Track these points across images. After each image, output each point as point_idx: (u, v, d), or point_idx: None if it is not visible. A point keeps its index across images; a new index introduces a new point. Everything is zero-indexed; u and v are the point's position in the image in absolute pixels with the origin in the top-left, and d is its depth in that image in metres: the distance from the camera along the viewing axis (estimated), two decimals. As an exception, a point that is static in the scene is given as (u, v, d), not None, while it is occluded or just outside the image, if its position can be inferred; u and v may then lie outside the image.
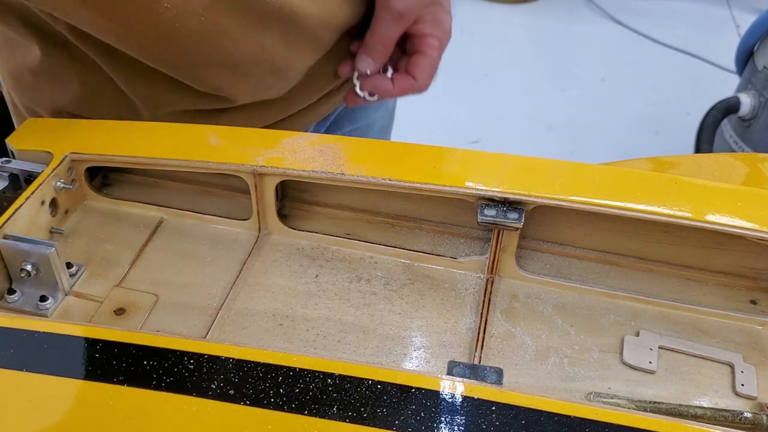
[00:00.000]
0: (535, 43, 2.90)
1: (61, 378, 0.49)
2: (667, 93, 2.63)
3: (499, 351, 0.61)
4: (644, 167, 1.05)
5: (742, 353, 0.61)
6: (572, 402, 0.48)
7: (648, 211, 0.62)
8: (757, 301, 0.67)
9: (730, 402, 0.58)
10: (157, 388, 0.48)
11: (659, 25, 3.05)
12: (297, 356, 0.50)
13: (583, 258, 0.70)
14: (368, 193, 0.71)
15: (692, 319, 0.64)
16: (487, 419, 0.47)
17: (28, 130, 0.72)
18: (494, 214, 0.62)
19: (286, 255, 0.69)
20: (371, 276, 0.67)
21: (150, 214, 0.72)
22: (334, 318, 0.63)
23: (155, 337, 0.52)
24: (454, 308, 0.64)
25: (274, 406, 0.47)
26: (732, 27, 3.09)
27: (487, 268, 0.67)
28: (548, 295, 0.66)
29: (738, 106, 1.85)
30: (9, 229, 0.61)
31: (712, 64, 2.80)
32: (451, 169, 0.66)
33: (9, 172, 0.69)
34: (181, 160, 0.68)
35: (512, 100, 2.48)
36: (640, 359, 0.60)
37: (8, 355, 0.50)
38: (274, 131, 0.72)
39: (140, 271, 0.66)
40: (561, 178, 0.65)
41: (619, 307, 0.65)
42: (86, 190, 0.72)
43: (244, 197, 0.72)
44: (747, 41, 1.90)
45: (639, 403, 0.56)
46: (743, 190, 0.69)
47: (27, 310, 0.61)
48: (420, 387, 0.48)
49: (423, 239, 0.71)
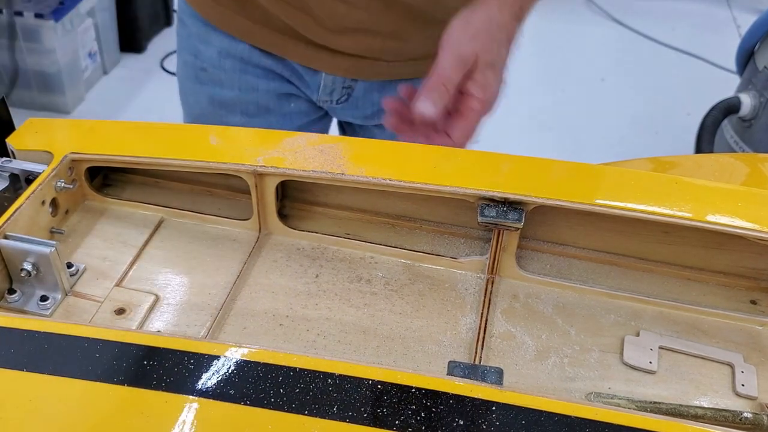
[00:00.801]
0: (536, 43, 2.90)
1: (61, 378, 0.49)
2: (668, 93, 2.63)
3: (500, 351, 0.61)
4: (644, 167, 1.05)
5: (743, 353, 0.61)
6: (572, 402, 0.48)
7: (648, 211, 0.62)
8: (757, 301, 0.67)
9: (730, 402, 0.58)
10: (157, 388, 0.48)
11: (660, 25, 3.05)
12: (297, 356, 0.50)
13: (583, 258, 0.70)
14: (369, 193, 0.71)
15: (692, 320, 0.64)
16: (488, 419, 0.47)
17: (29, 130, 0.72)
18: (494, 214, 0.62)
19: (286, 255, 0.69)
20: (372, 276, 0.67)
21: (150, 214, 0.72)
22: (334, 318, 0.63)
23: (155, 337, 0.52)
24: (455, 308, 0.64)
25: (274, 406, 0.47)
26: (732, 27, 3.09)
27: (487, 268, 0.67)
28: (548, 295, 0.66)
29: (738, 106, 1.84)
30: (9, 229, 0.61)
31: (713, 64, 2.80)
32: (452, 169, 0.66)
33: (9, 172, 0.69)
34: (181, 160, 0.68)
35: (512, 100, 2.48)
36: (641, 359, 0.60)
37: (9, 355, 0.50)
38: (274, 131, 0.72)
39: (140, 271, 0.66)
40: (561, 178, 0.65)
41: (620, 308, 0.65)
42: (86, 190, 0.72)
43: (245, 197, 0.72)
44: (747, 41, 1.90)
45: (639, 403, 0.56)
46: (744, 191, 0.69)
47: (27, 310, 0.61)
48: (420, 387, 0.48)
49: (423, 239, 0.71)
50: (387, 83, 0.95)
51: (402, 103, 0.78)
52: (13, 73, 2.17)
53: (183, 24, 0.99)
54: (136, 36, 2.56)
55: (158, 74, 2.52)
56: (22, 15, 2.07)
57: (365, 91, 0.96)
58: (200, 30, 0.95)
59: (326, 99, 0.97)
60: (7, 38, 2.11)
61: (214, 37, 0.94)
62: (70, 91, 2.27)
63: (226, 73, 0.96)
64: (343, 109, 0.99)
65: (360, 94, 0.97)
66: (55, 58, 2.16)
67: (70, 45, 2.20)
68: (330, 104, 0.98)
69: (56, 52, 2.14)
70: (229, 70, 0.96)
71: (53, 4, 2.11)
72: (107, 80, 2.48)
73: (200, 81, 0.99)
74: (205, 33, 0.95)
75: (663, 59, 2.87)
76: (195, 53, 0.97)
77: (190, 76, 1.00)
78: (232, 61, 0.95)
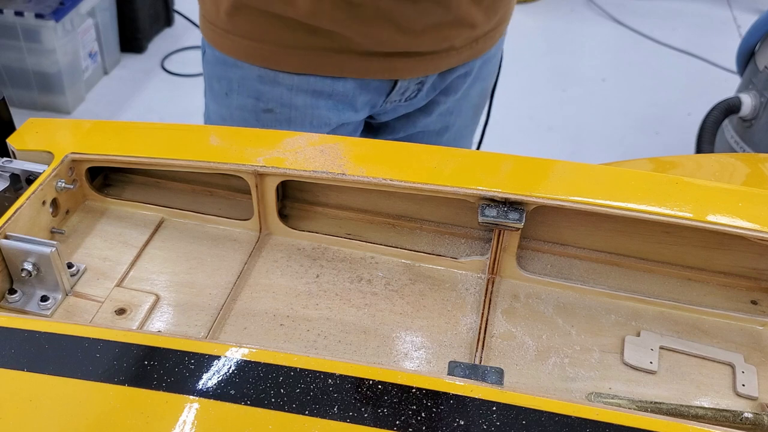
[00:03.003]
0: (536, 43, 2.90)
1: (61, 378, 0.49)
2: (668, 93, 2.63)
3: (500, 351, 0.61)
4: (645, 167, 1.05)
5: (743, 353, 0.61)
6: (573, 402, 0.48)
7: (649, 211, 0.62)
8: (758, 302, 0.67)
9: (730, 402, 0.58)
10: (157, 388, 0.48)
11: (660, 26, 3.05)
12: (298, 356, 0.50)
13: (583, 258, 0.70)
14: (369, 194, 0.71)
15: (693, 320, 0.64)
16: (488, 419, 0.47)
17: (29, 130, 0.72)
18: (495, 214, 0.62)
19: (287, 255, 0.69)
20: (372, 276, 0.67)
21: (151, 214, 0.72)
22: (335, 318, 0.63)
23: (156, 337, 0.52)
24: (455, 308, 0.64)
25: (274, 406, 0.47)
26: (733, 27, 3.08)
27: (487, 269, 0.67)
28: (549, 295, 0.66)
29: (739, 106, 1.84)
30: (10, 229, 0.61)
31: (713, 64, 2.80)
32: (452, 170, 0.66)
33: (10, 172, 0.69)
34: (182, 160, 0.68)
35: (513, 100, 2.48)
36: (641, 359, 0.60)
37: (9, 355, 0.50)
38: (274, 131, 0.72)
39: (141, 272, 0.66)
40: (561, 179, 0.65)
41: (620, 308, 0.65)
42: (87, 190, 0.72)
43: (245, 197, 0.72)
44: (748, 41, 1.90)
45: (640, 403, 0.56)
46: (744, 191, 0.69)
47: (28, 310, 0.61)
48: (421, 387, 0.48)
49: (424, 239, 0.71)
50: (450, 69, 0.95)
51: None
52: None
53: (234, 66, 0.91)
54: (137, 36, 2.56)
55: (159, 74, 2.52)
56: (23, 15, 2.07)
57: (431, 81, 0.95)
58: (262, 71, 0.89)
59: (396, 99, 0.95)
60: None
61: (282, 76, 0.89)
62: (70, 91, 2.27)
63: (298, 110, 0.91)
64: (407, 105, 0.97)
65: (427, 86, 0.95)
66: (56, 58, 2.16)
67: (71, 45, 2.20)
68: (397, 103, 0.96)
69: (56, 52, 2.14)
70: (301, 106, 0.91)
71: (53, 4, 2.11)
72: (108, 80, 2.48)
73: (263, 123, 0.93)
74: (269, 73, 0.89)
75: (663, 59, 2.86)
76: (257, 96, 0.91)
77: (248, 120, 0.93)
78: (304, 96, 0.90)
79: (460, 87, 0.99)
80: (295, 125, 0.92)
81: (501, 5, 0.93)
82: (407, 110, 1.00)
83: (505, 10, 0.96)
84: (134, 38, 2.57)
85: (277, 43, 0.86)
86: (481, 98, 1.07)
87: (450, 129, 1.06)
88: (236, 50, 0.89)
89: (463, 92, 1.01)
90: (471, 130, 1.12)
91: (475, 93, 1.04)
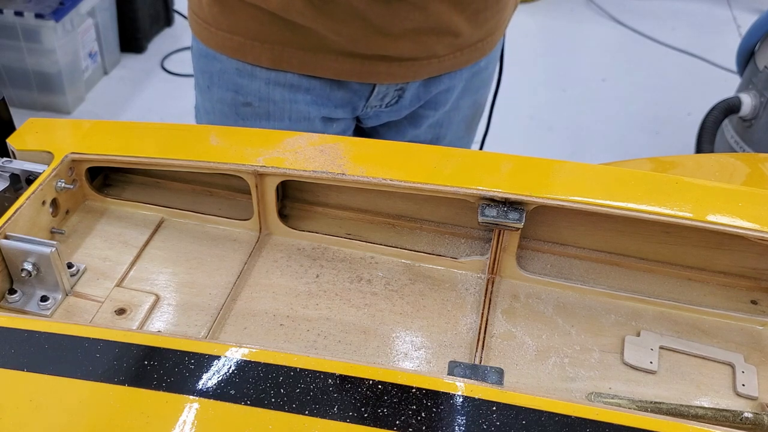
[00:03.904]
0: (536, 43, 2.90)
1: (61, 378, 0.49)
2: (668, 93, 2.63)
3: (500, 351, 0.61)
4: (645, 167, 1.05)
5: (743, 353, 0.61)
6: (573, 402, 0.48)
7: (649, 211, 0.62)
8: (757, 302, 0.67)
9: (731, 402, 0.58)
10: (157, 388, 0.48)
11: (660, 25, 3.05)
12: (297, 356, 0.50)
13: (583, 258, 0.70)
14: (369, 194, 0.71)
15: (693, 320, 0.64)
16: (488, 419, 0.47)
17: (29, 130, 0.72)
18: (495, 214, 0.62)
19: (287, 255, 0.69)
20: (372, 276, 0.67)
21: (151, 214, 0.72)
22: (334, 318, 0.63)
23: (156, 337, 0.52)
24: (455, 308, 0.64)
25: (274, 406, 0.47)
26: (733, 27, 3.08)
27: (487, 269, 0.67)
28: (549, 295, 0.66)
29: (739, 106, 1.84)
30: (10, 229, 0.61)
31: (713, 64, 2.80)
32: (452, 170, 0.66)
33: (10, 172, 0.69)
34: (181, 160, 0.68)
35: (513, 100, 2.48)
36: (641, 359, 0.60)
37: (9, 354, 0.50)
38: (274, 131, 0.72)
39: (141, 272, 0.66)
40: (561, 178, 0.65)
41: (620, 308, 0.65)
42: (87, 190, 0.72)
43: (245, 197, 0.72)
44: (748, 41, 1.90)
45: (640, 403, 0.56)
46: (744, 191, 0.69)
47: (28, 310, 0.61)
48: (421, 387, 0.48)
49: (424, 239, 0.71)
50: (434, 78, 0.94)
51: None
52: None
53: (214, 59, 0.90)
54: (137, 36, 2.56)
55: (159, 74, 2.52)
56: (23, 15, 2.07)
57: (414, 89, 0.94)
58: (239, 65, 0.89)
59: (376, 105, 0.94)
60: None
61: (259, 70, 0.88)
62: (70, 91, 2.27)
63: (276, 104, 0.91)
64: (389, 112, 0.96)
65: (410, 94, 0.94)
66: (56, 58, 2.16)
67: (71, 45, 2.20)
68: (378, 109, 0.95)
69: (56, 52, 2.14)
70: (279, 100, 0.90)
71: (53, 4, 2.11)
72: (107, 80, 2.48)
73: (243, 117, 0.93)
74: (246, 66, 0.89)
75: (663, 59, 2.86)
76: (236, 89, 0.91)
77: (228, 113, 0.93)
78: (281, 90, 0.90)
79: (447, 100, 0.98)
80: (274, 119, 0.92)
81: (489, 16, 0.90)
82: (391, 118, 0.99)
83: (496, 22, 0.93)
84: (134, 38, 2.57)
85: (254, 37, 0.86)
86: (474, 110, 1.06)
87: (441, 141, 1.05)
88: (216, 42, 0.89)
89: (453, 105, 1.00)
90: (466, 141, 1.11)
91: (466, 105, 1.02)
